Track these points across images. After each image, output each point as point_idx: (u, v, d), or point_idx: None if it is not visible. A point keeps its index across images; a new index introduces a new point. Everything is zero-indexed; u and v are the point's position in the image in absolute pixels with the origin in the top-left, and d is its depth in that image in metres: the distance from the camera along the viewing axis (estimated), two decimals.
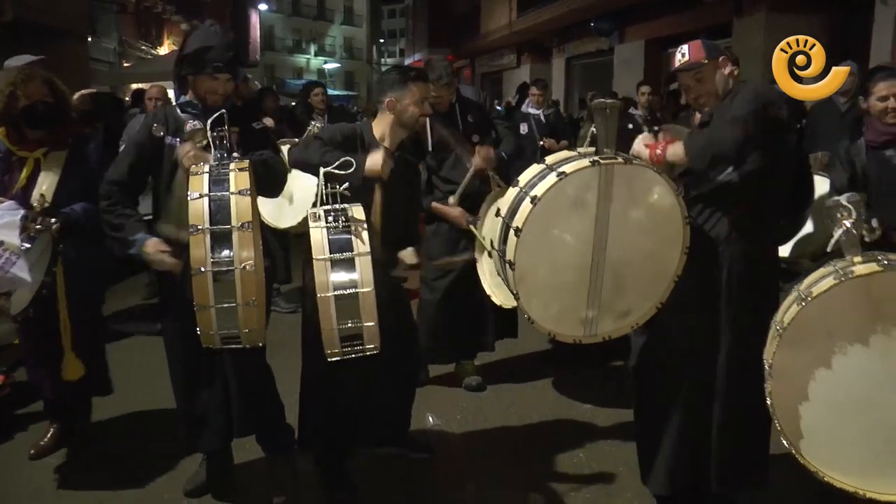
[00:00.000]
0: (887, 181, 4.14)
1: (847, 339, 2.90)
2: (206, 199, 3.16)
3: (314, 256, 3.20)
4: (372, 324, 3.22)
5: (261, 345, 3.60)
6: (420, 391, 5.39)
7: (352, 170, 3.61)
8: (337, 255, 3.20)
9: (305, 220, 3.43)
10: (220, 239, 3.14)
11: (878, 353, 2.88)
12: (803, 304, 2.89)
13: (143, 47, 25.00)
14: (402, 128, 4.12)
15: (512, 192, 3.32)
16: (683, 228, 3.38)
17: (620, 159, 3.22)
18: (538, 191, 3.13)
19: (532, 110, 9.97)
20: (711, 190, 3.56)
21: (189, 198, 3.19)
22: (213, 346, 3.38)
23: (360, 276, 3.19)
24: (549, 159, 3.38)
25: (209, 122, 3.53)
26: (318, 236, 3.24)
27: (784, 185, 3.63)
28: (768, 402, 2.99)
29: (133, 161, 3.86)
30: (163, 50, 26.48)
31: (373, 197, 3.95)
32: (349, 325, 3.20)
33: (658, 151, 3.43)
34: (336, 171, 3.48)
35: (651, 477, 3.88)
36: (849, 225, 3.05)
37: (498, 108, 17.70)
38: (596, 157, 3.20)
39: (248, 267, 3.14)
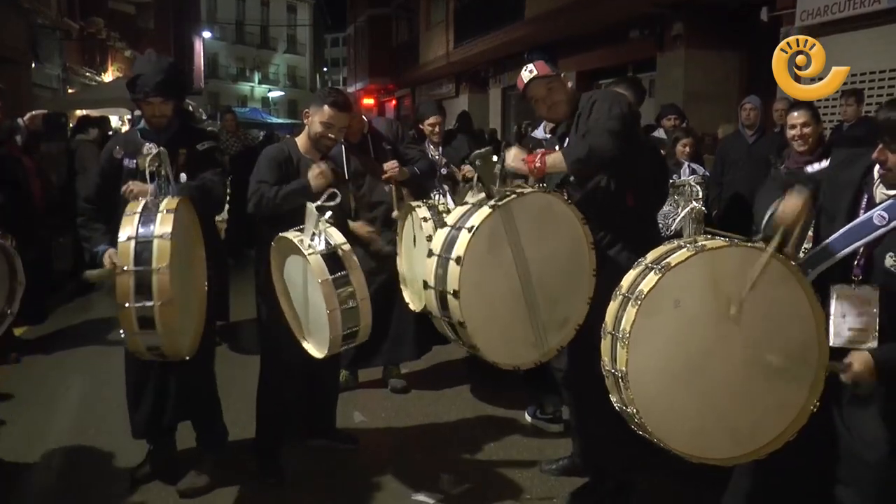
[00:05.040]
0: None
1: (690, 309, 3.02)
2: (132, 242, 3.59)
3: (318, 279, 3.67)
4: (367, 323, 3.88)
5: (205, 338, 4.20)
6: (349, 393, 5.95)
7: (297, 190, 4.22)
8: (337, 275, 3.73)
9: None
10: (142, 279, 3.56)
11: (711, 325, 3.04)
12: (661, 274, 2.96)
13: (88, 73, 24.92)
14: (311, 141, 4.53)
15: (431, 261, 3.58)
16: (582, 227, 3.68)
17: (513, 195, 3.54)
18: (459, 251, 3.40)
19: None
20: (588, 196, 3.88)
21: (118, 239, 3.63)
22: (144, 358, 3.85)
23: (358, 289, 3.77)
24: (450, 219, 3.68)
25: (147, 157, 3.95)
26: (317, 261, 3.72)
27: (649, 179, 4.06)
28: (622, 371, 2.97)
29: (98, 181, 4.38)
30: (107, 77, 26.47)
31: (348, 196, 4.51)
32: (350, 329, 3.82)
33: (537, 164, 3.74)
34: (325, 204, 3.93)
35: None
36: (695, 203, 3.27)
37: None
38: (492, 202, 3.50)
39: (165, 303, 3.56)
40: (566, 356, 4.06)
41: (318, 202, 3.91)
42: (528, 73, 4.02)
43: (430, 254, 3.59)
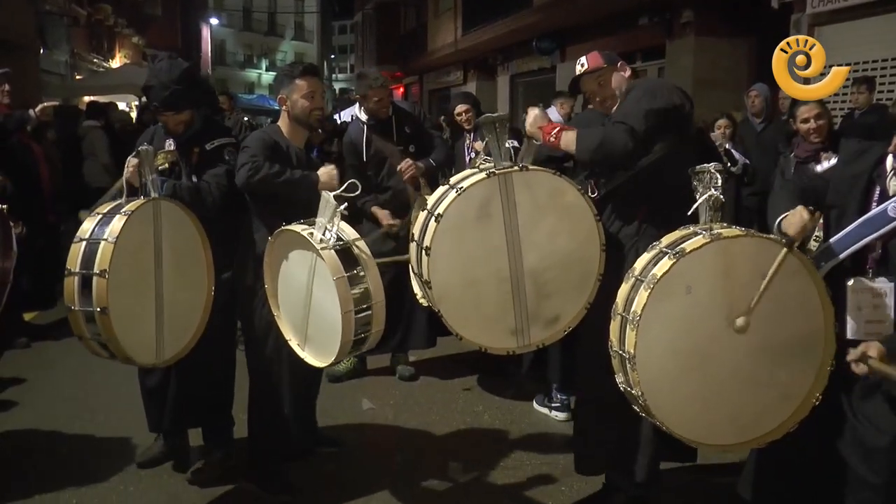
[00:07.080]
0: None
1: (701, 296, 2.99)
2: (83, 244, 3.55)
3: (333, 276, 3.29)
4: (379, 329, 3.51)
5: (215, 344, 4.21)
6: (357, 380, 5.99)
7: (303, 181, 4.02)
8: (351, 272, 3.35)
9: None
10: (86, 282, 3.52)
11: (720, 313, 3.00)
12: (675, 259, 2.91)
13: (95, 60, 24.95)
14: (298, 124, 4.22)
15: (422, 215, 3.44)
16: (596, 226, 3.42)
17: (516, 167, 3.32)
18: (441, 209, 3.21)
19: None
20: (617, 188, 3.70)
21: (73, 240, 3.59)
22: (103, 357, 3.81)
23: (374, 289, 3.42)
24: (453, 179, 3.46)
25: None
26: (331, 257, 3.34)
27: (684, 175, 3.36)
28: (629, 353, 2.94)
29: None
30: (115, 63, 26.51)
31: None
32: (362, 334, 3.45)
33: (552, 138, 3.57)
34: (344, 194, 3.59)
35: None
36: (713, 191, 3.09)
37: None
38: (492, 169, 3.29)
39: (103, 310, 3.49)
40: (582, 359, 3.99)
41: (337, 192, 3.60)
42: (579, 66, 3.81)
43: (426, 207, 3.43)
